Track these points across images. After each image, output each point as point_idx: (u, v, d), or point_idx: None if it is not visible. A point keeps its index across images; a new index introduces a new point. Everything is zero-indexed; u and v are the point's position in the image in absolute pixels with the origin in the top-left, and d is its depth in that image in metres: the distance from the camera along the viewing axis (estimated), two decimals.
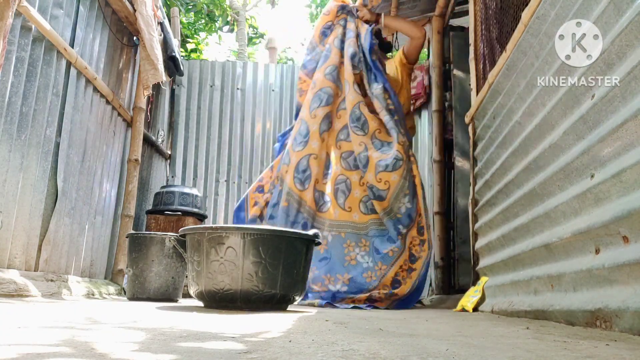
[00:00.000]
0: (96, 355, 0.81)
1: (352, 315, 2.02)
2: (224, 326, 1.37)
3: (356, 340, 1.10)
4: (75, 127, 3.13)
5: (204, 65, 5.68)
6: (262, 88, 5.67)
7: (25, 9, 2.50)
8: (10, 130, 2.48)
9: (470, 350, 0.98)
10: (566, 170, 1.73)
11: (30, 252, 2.68)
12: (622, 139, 1.39)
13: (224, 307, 2.15)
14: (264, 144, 5.56)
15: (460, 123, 3.84)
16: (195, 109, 5.54)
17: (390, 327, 1.46)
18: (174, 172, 5.38)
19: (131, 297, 3.00)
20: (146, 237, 2.99)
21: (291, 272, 2.19)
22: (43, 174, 2.78)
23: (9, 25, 2.28)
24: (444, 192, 4.16)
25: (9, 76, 2.45)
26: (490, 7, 2.84)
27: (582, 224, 1.58)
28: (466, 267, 3.71)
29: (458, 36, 4.20)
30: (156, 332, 1.16)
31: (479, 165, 2.99)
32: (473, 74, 3.12)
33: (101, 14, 3.50)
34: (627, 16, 1.38)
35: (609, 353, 0.95)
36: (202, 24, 9.97)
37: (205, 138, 5.49)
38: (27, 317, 1.44)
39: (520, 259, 2.16)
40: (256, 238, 2.12)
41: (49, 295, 2.61)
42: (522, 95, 2.22)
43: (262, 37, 12.00)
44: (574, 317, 1.54)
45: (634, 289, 1.29)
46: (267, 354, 0.88)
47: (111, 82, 3.72)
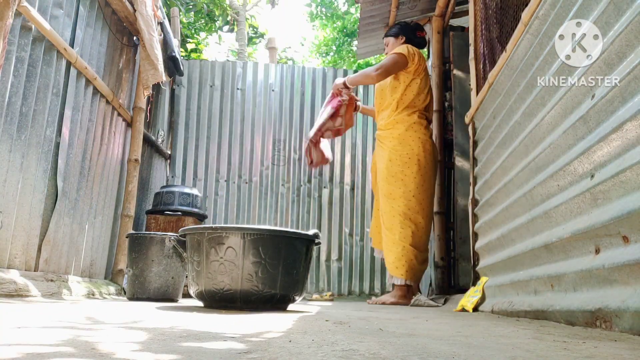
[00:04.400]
0: (97, 355, 0.81)
1: (352, 315, 2.02)
2: (224, 326, 1.37)
3: (356, 340, 1.10)
4: (75, 127, 3.13)
5: (204, 65, 5.68)
6: (262, 88, 5.67)
7: (25, 9, 2.50)
8: (10, 130, 2.48)
9: (470, 350, 0.98)
10: (566, 170, 1.74)
11: (30, 252, 2.68)
12: (622, 139, 1.39)
13: (224, 307, 2.16)
14: (264, 144, 5.56)
15: (460, 123, 3.85)
16: (195, 109, 5.54)
17: (390, 327, 1.46)
18: (174, 172, 5.38)
19: (131, 297, 3.00)
20: (146, 237, 2.99)
21: (291, 272, 2.19)
22: (43, 174, 2.78)
23: (9, 25, 2.28)
24: (444, 192, 4.17)
25: (9, 76, 2.45)
26: (490, 7, 2.84)
27: (582, 224, 1.58)
28: (466, 267, 3.71)
29: (458, 36, 4.20)
30: (156, 332, 1.16)
31: (479, 165, 2.99)
32: (473, 74, 3.12)
33: (101, 14, 3.50)
34: (627, 16, 1.38)
35: (609, 353, 0.96)
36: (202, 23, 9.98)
37: (205, 138, 5.49)
38: (27, 317, 1.44)
39: (520, 259, 2.16)
40: (256, 238, 2.12)
41: (49, 295, 2.61)
42: (522, 95, 2.22)
43: (262, 37, 12.01)
44: (574, 317, 1.55)
45: (634, 289, 1.29)
46: (267, 354, 0.88)
47: (111, 82, 3.72)
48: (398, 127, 3.58)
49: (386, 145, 3.60)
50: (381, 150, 3.65)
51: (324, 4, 12.63)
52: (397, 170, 3.52)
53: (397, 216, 3.48)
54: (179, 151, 5.44)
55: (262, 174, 5.49)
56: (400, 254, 3.42)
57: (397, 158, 3.54)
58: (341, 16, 12.35)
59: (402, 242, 3.44)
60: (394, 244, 3.47)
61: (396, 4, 4.40)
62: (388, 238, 3.51)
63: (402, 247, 3.44)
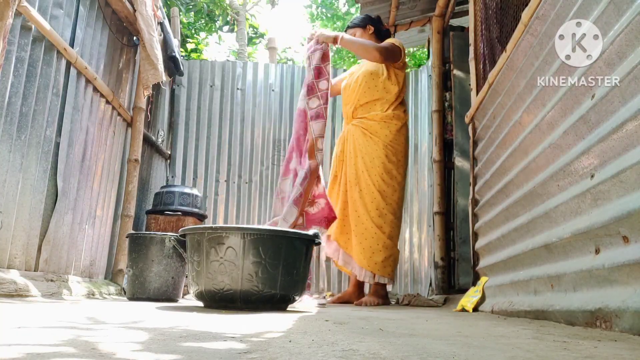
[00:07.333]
0: (98, 355, 0.81)
1: (352, 316, 2.02)
2: (224, 326, 1.37)
3: (356, 340, 1.10)
4: (75, 127, 3.13)
5: (204, 65, 5.68)
6: (262, 88, 5.67)
7: (25, 9, 2.50)
8: (10, 130, 2.48)
9: (470, 350, 0.98)
10: (566, 170, 1.74)
11: (30, 252, 2.68)
12: (622, 139, 1.39)
13: (224, 307, 2.15)
14: (263, 144, 5.56)
15: (460, 123, 3.85)
16: (195, 109, 5.54)
17: (390, 327, 1.46)
18: (174, 172, 5.38)
19: (131, 297, 3.00)
20: (146, 237, 2.99)
21: (291, 272, 2.19)
22: (43, 174, 2.78)
23: (9, 25, 2.28)
24: (444, 192, 4.17)
25: (8, 76, 2.45)
26: (490, 7, 2.84)
27: (582, 224, 1.58)
28: (466, 267, 3.71)
29: (458, 36, 4.20)
30: (156, 332, 1.16)
31: (479, 165, 3.00)
32: (473, 74, 3.12)
33: (101, 14, 3.50)
34: (627, 16, 1.38)
35: (609, 353, 0.96)
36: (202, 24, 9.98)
37: (205, 138, 5.49)
38: (28, 317, 1.44)
39: (520, 259, 2.16)
40: (256, 238, 2.12)
41: (49, 295, 2.61)
42: (522, 95, 2.22)
43: (262, 37, 12.01)
44: (574, 317, 1.55)
45: (634, 289, 1.29)
46: (267, 354, 0.88)
47: (111, 82, 3.72)
48: (395, 123, 3.52)
49: (380, 139, 3.47)
50: (368, 142, 3.48)
51: (325, 5, 12.63)
52: (391, 167, 3.47)
53: (389, 214, 3.41)
54: (179, 151, 5.43)
55: (262, 174, 5.49)
56: (389, 254, 3.36)
57: (392, 155, 3.48)
58: (342, 17, 12.35)
59: (391, 242, 3.40)
60: (384, 244, 3.35)
61: (396, 4, 4.40)
62: (377, 237, 3.35)
63: (392, 246, 3.41)
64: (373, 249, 3.36)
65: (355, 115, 3.62)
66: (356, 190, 3.47)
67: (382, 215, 3.40)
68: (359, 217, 3.42)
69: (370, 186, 3.43)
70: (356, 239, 3.40)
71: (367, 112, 3.57)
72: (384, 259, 3.35)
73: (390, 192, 3.44)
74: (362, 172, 3.47)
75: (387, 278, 3.36)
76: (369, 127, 3.54)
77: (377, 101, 3.56)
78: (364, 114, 3.58)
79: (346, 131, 3.66)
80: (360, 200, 3.44)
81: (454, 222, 4.02)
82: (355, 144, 3.55)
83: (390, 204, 3.43)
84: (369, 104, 3.58)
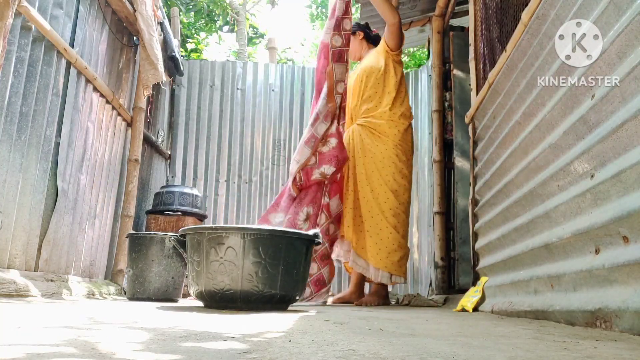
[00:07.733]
0: (98, 355, 0.81)
1: (352, 316, 2.02)
2: (224, 326, 1.37)
3: (356, 340, 1.10)
4: (75, 127, 3.13)
5: (204, 65, 5.68)
6: (262, 88, 5.67)
7: (25, 9, 2.50)
8: (10, 130, 2.48)
9: (471, 350, 0.98)
10: (566, 170, 1.73)
11: (30, 252, 2.68)
12: (622, 139, 1.39)
13: (224, 307, 2.15)
14: (263, 144, 5.56)
15: (460, 123, 3.84)
16: (195, 109, 5.54)
17: (390, 327, 1.46)
18: (174, 172, 5.38)
19: (131, 297, 3.00)
20: (146, 237, 2.99)
21: (291, 272, 2.19)
22: (43, 174, 2.78)
23: (9, 25, 2.28)
24: (444, 192, 4.17)
25: (8, 76, 2.45)
26: (490, 7, 2.84)
27: (582, 224, 1.58)
28: (466, 267, 3.71)
29: (458, 36, 4.20)
30: (157, 332, 1.16)
31: (479, 165, 2.99)
32: (473, 74, 3.12)
33: (101, 14, 3.50)
34: (627, 16, 1.38)
35: (609, 353, 0.96)
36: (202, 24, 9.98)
37: (205, 138, 5.49)
38: (27, 317, 1.44)
39: (520, 259, 2.16)
40: (256, 238, 2.12)
41: (49, 295, 2.61)
42: (522, 95, 2.22)
43: (262, 37, 12.01)
44: (574, 317, 1.55)
45: (634, 289, 1.29)
46: (267, 354, 0.88)
47: (111, 82, 3.72)
48: (403, 122, 3.50)
49: (389, 138, 3.45)
50: (377, 141, 3.46)
51: (325, 5, 12.63)
52: (402, 167, 3.46)
53: (402, 214, 3.40)
54: (179, 151, 5.43)
55: (262, 174, 5.49)
56: (403, 253, 3.36)
57: (402, 154, 3.47)
58: None
59: (405, 240, 3.42)
60: (399, 244, 3.35)
61: (396, 4, 4.40)
62: (392, 237, 3.33)
63: (405, 245, 3.41)
64: (389, 249, 3.32)
65: (360, 113, 3.59)
66: (368, 190, 3.43)
67: (396, 215, 3.37)
68: (372, 218, 3.38)
69: (382, 186, 3.40)
70: (371, 240, 3.36)
71: (372, 109, 3.53)
72: (400, 259, 3.33)
73: (402, 191, 3.43)
74: (373, 171, 3.43)
75: (403, 277, 3.37)
76: (376, 126, 3.50)
77: (381, 96, 3.53)
78: (370, 112, 3.54)
79: (351, 131, 3.62)
80: (374, 201, 3.40)
81: (454, 222, 4.02)
82: (363, 144, 3.51)
83: (402, 203, 3.42)
84: (373, 99, 3.54)
